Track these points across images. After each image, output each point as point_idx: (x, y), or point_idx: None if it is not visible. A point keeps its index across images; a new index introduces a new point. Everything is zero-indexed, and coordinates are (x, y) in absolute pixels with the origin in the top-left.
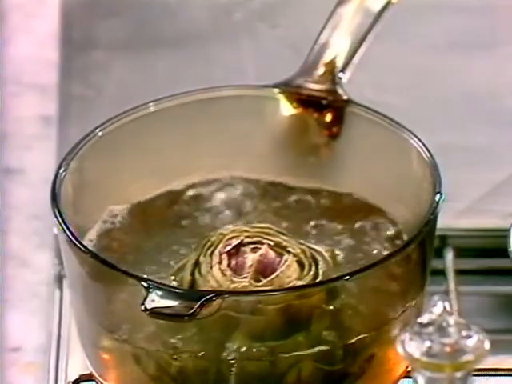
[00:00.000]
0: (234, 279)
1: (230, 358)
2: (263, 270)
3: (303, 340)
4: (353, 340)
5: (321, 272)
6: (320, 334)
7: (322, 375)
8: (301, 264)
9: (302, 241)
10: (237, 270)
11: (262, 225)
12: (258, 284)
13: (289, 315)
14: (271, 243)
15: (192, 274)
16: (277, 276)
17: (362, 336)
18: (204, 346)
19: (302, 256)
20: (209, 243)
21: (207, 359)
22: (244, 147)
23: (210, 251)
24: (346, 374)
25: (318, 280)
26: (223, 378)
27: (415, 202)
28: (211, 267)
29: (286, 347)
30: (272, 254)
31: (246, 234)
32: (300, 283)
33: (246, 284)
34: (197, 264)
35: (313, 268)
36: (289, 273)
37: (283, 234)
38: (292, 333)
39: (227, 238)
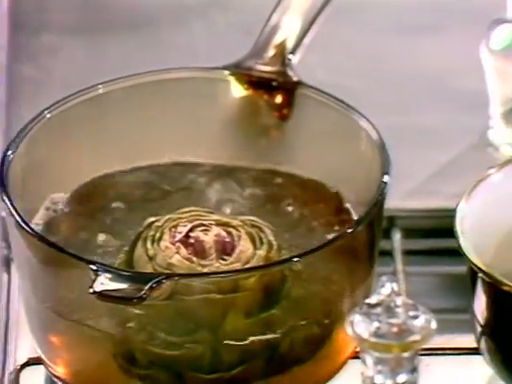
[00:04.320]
0: (203, 263)
1: (220, 337)
2: (223, 248)
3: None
4: (302, 322)
5: (272, 239)
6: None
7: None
8: (250, 236)
9: (242, 217)
10: (199, 255)
11: (191, 208)
12: (227, 262)
13: (266, 287)
14: (213, 222)
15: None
16: (240, 251)
17: (311, 316)
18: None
19: (247, 228)
20: (151, 232)
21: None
22: (194, 129)
23: (156, 240)
24: (296, 355)
25: (274, 249)
26: (193, 361)
27: (364, 183)
28: (170, 257)
29: (278, 317)
30: (223, 232)
31: (185, 219)
32: (260, 253)
33: (218, 265)
34: (150, 258)
35: (263, 237)
36: (247, 245)
37: (211, 213)
38: (274, 304)
39: (171, 226)
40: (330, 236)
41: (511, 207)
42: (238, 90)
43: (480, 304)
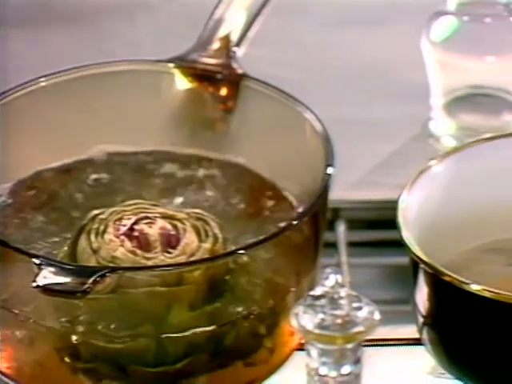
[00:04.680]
0: (147, 256)
1: (164, 330)
2: (168, 241)
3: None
4: (247, 314)
5: (218, 232)
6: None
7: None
8: (195, 228)
9: (187, 210)
10: (143, 248)
11: (136, 201)
12: (172, 255)
13: (210, 280)
14: (158, 215)
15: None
16: (185, 244)
17: (256, 309)
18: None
19: (192, 221)
20: (95, 225)
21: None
22: (139, 122)
23: (100, 233)
24: (241, 348)
25: (219, 242)
26: (135, 354)
27: (309, 175)
28: (114, 250)
29: (222, 310)
30: (168, 225)
31: (129, 212)
32: (206, 245)
33: (163, 258)
34: (94, 251)
35: (208, 230)
36: (192, 238)
37: (156, 205)
38: (218, 297)
39: (115, 219)
40: (275, 228)
41: (452, 198)
42: (182, 83)
43: (422, 295)
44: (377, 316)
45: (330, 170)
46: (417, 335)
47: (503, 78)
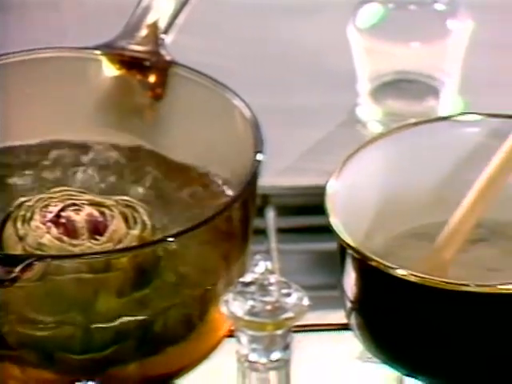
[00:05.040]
0: (74, 242)
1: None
2: (95, 228)
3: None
4: (176, 301)
5: (146, 219)
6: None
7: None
8: (123, 215)
9: (116, 197)
10: (70, 235)
11: (63, 188)
12: (99, 242)
13: (138, 267)
14: (86, 202)
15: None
16: (113, 231)
17: (186, 296)
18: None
19: (120, 208)
20: (22, 212)
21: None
22: (67, 109)
23: (27, 220)
24: (171, 335)
25: (148, 229)
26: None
27: (238, 162)
28: (41, 237)
29: (150, 297)
30: (95, 211)
31: (56, 199)
32: (134, 232)
33: (90, 245)
34: (21, 238)
35: (137, 217)
36: (120, 225)
37: (84, 192)
38: (147, 284)
39: (42, 206)
40: (204, 215)
41: (379, 183)
42: (110, 70)
43: (349, 280)
44: (306, 302)
45: (259, 157)
46: (345, 320)
47: (428, 64)
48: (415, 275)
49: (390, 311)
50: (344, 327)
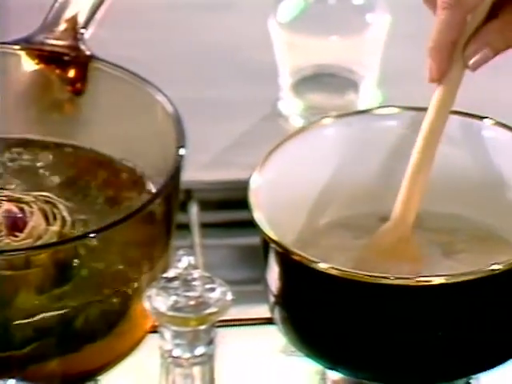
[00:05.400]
0: None
1: (11, 315)
2: (14, 224)
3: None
4: (98, 298)
5: (66, 215)
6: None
7: None
8: (43, 211)
9: (35, 193)
10: None
11: None
12: (18, 238)
13: (58, 263)
14: (4, 198)
15: None
16: (32, 227)
17: (107, 292)
18: None
19: (40, 204)
20: None
21: None
22: None
23: None
24: (92, 331)
25: (68, 225)
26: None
27: (161, 157)
28: None
29: (71, 293)
30: (14, 208)
31: None
32: (53, 229)
33: (8, 241)
34: None
35: (56, 213)
36: (39, 221)
37: (2, 188)
38: (67, 280)
39: None
40: (127, 211)
41: (300, 177)
42: (29, 65)
43: (273, 274)
44: (229, 297)
45: (181, 151)
46: (268, 315)
47: (347, 58)
48: (337, 268)
49: (312, 305)
50: (268, 321)
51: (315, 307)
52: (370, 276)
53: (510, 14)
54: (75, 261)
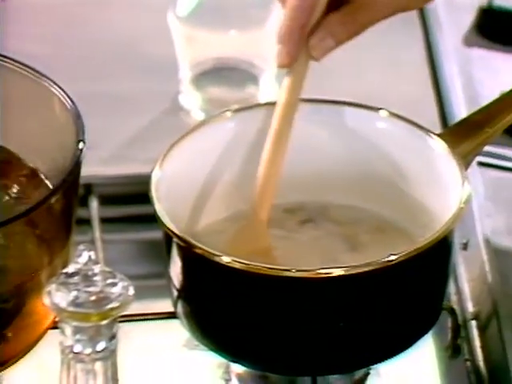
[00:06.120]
0: None
1: None
2: None
3: None
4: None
5: None
6: None
7: None
8: None
9: None
10: None
11: None
12: None
13: None
14: None
15: None
16: None
17: (4, 288)
18: None
19: None
20: None
21: None
22: None
23: None
24: None
25: None
26: None
27: (59, 151)
28: None
29: None
30: None
31: None
32: None
33: None
34: None
35: None
36: None
37: None
38: None
39: None
40: (25, 207)
41: (202, 170)
42: None
43: (175, 268)
44: (131, 291)
45: (80, 146)
46: (171, 309)
47: (247, 52)
48: (239, 262)
49: (215, 298)
50: (170, 316)
51: (218, 301)
52: (272, 269)
53: (350, 5)
54: None
